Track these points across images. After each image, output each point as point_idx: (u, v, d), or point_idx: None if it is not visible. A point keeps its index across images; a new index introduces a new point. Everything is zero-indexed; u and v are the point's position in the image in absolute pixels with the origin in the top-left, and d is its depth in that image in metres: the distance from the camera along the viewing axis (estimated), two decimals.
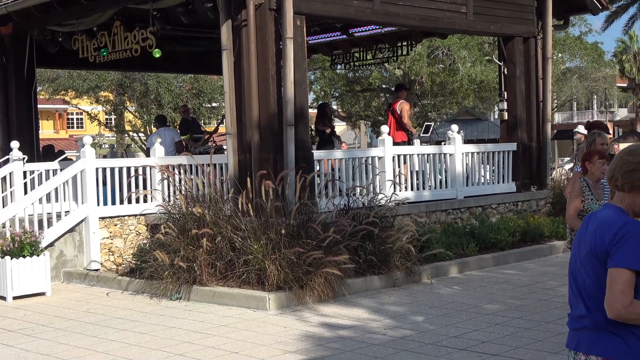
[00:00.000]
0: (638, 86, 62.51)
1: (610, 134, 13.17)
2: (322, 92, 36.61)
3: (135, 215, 12.23)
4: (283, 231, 9.71)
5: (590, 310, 3.32)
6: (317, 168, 11.64)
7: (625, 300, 3.16)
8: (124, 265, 11.74)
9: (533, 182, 14.60)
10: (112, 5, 12.46)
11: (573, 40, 38.52)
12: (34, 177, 12.20)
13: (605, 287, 3.25)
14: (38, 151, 15.57)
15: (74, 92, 35.36)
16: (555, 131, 40.15)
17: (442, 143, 14.54)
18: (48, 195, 11.56)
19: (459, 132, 13.92)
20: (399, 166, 12.79)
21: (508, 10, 13.97)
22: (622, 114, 65.27)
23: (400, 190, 12.43)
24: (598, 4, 14.71)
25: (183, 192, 11.24)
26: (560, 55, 36.35)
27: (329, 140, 15.66)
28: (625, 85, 62.95)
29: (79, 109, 43.31)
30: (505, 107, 14.66)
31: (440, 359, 6.92)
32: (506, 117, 14.77)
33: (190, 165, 12.06)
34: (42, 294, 10.68)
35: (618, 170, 3.38)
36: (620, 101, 64.18)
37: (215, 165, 11.67)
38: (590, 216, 3.52)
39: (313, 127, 16.23)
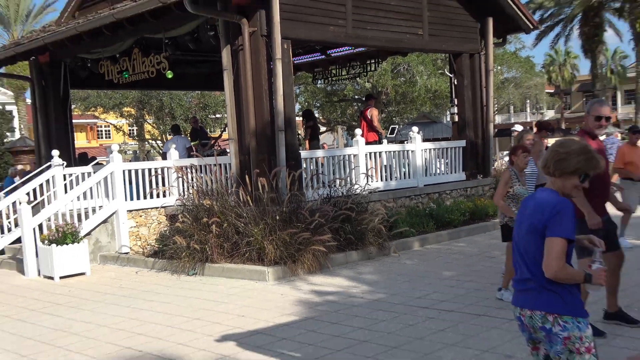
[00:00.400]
0: (562, 92, 63.04)
1: (552, 131, 13.35)
2: (306, 103, 36.65)
3: (157, 208, 12.30)
4: (277, 217, 9.82)
5: (534, 274, 3.40)
6: (304, 165, 11.73)
7: (560, 263, 3.28)
8: (149, 249, 11.82)
9: (479, 172, 14.71)
10: (131, 35, 12.49)
11: (510, 55, 38.74)
12: (72, 179, 12.24)
13: (541, 254, 3.36)
14: (74, 158, 15.61)
15: (102, 109, 35.42)
16: (496, 130, 40.35)
17: (405, 142, 14.67)
18: (84, 194, 11.64)
19: (418, 133, 14.03)
20: (371, 161, 12.90)
21: (456, 32, 14.09)
22: (550, 115, 65.55)
23: (372, 181, 12.57)
24: (530, 25, 14.81)
25: (195, 188, 11.33)
26: (499, 67, 36.57)
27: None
28: (552, 91, 63.42)
29: (107, 122, 43.35)
30: (456, 111, 14.79)
31: (408, 315, 7.04)
32: (456, 119, 14.88)
33: (200, 166, 12.12)
34: (83, 273, 10.76)
35: (550, 160, 3.49)
36: (548, 104, 64.51)
37: (220, 165, 11.73)
38: (528, 198, 3.64)
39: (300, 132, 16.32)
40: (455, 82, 14.71)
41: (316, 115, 37.15)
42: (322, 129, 45.54)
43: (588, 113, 6.04)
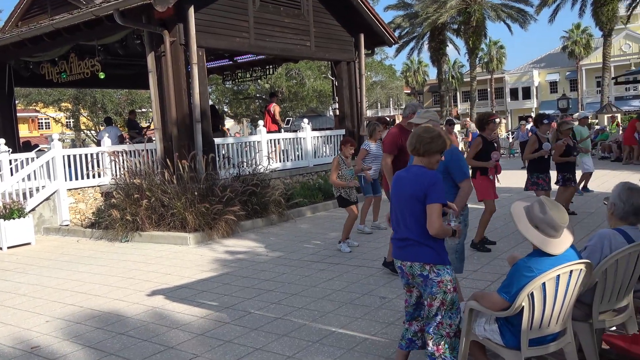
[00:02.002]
0: (417, 92, 64.98)
1: (387, 124, 13.76)
2: (217, 100, 35.86)
3: (93, 187, 11.65)
4: (196, 193, 9.57)
5: (413, 233, 3.44)
6: (217, 150, 11.46)
7: (440, 222, 3.35)
8: (87, 221, 11.20)
9: (355, 154, 14.88)
10: (68, 42, 11.73)
11: (377, 63, 39.37)
12: (17, 164, 11.38)
13: (421, 217, 3.41)
14: (19, 145, 14.61)
15: (42, 104, 33.32)
16: (367, 121, 41.10)
17: (298, 131, 14.62)
18: (29, 176, 10.86)
19: (308, 124, 14.04)
20: (271, 147, 12.80)
21: (336, 44, 14.11)
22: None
23: (272, 163, 12.48)
24: (392, 40, 15.12)
25: (126, 169, 10.86)
26: (369, 73, 37.06)
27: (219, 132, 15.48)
28: (409, 91, 65.20)
29: (47, 115, 40.77)
30: (337, 106, 14.87)
31: (304, 268, 7.04)
32: (337, 113, 14.96)
33: (131, 151, 11.61)
34: (29, 244, 10.06)
35: (419, 143, 3.54)
36: (406, 102, 66.37)
37: (148, 150, 11.28)
38: (400, 173, 3.64)
39: None
40: (336, 84, 14.77)
41: (225, 109, 36.57)
42: (231, 122, 44.91)
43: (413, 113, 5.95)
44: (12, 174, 10.77)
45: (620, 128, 24.35)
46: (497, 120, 7.67)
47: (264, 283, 6.46)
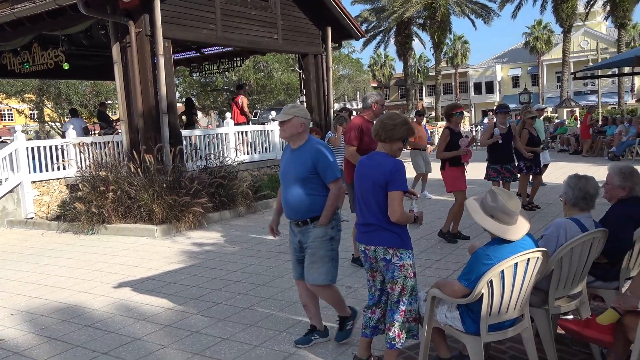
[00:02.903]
0: (383, 86, 65.29)
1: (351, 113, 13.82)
2: (185, 92, 35.42)
3: (58, 179, 11.40)
4: (164, 185, 9.47)
5: (376, 218, 3.48)
6: (185, 142, 11.35)
7: (401, 209, 3.41)
8: (52, 214, 10.98)
9: None
10: (30, 32, 11.39)
11: (344, 57, 39.45)
12: None
13: (384, 203, 3.45)
14: None
15: (4, 95, 32.31)
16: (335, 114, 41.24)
17: (265, 123, 14.56)
18: None
19: (276, 116, 13.94)
20: (239, 139, 12.73)
21: (304, 37, 14.06)
22: None
23: (240, 155, 12.43)
24: (359, 34, 15.16)
25: (92, 161, 10.66)
26: (336, 66, 37.14)
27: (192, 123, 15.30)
28: (376, 85, 65.45)
29: (9, 106, 39.53)
30: (304, 99, 14.85)
31: (271, 259, 7.06)
32: (305, 106, 14.95)
33: (97, 143, 11.40)
34: None
35: (381, 130, 3.57)
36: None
37: (114, 142, 11.10)
38: (363, 159, 3.67)
39: (183, 116, 15.76)
40: (304, 77, 14.73)
41: (193, 101, 36.16)
42: (199, 114, 44.45)
43: (376, 102, 6.05)
44: None
45: (579, 122, 25.00)
46: (462, 111, 7.76)
47: (232, 274, 6.45)
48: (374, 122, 4.13)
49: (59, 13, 10.27)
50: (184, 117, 15.61)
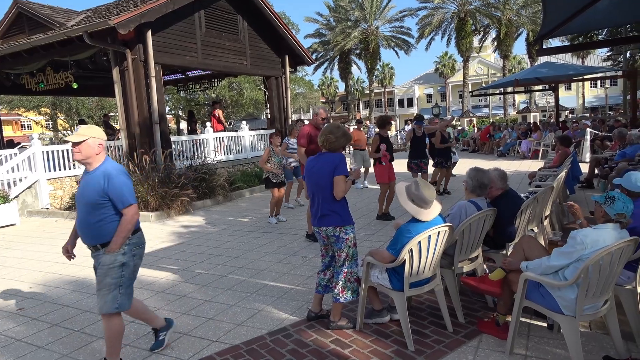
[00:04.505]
0: (330, 101, 65.15)
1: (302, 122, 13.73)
2: (174, 106, 34.46)
3: (69, 177, 10.87)
4: (156, 180, 9.17)
5: (324, 206, 3.45)
6: (174, 146, 11.03)
7: (343, 186, 3.38)
8: (64, 205, 10.49)
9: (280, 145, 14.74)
10: (44, 58, 10.81)
11: (299, 79, 39.17)
12: (1, 158, 10.46)
13: (330, 193, 3.40)
14: (3, 143, 13.42)
15: (24, 108, 30.69)
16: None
17: (239, 131, 14.32)
18: (13, 168, 10.03)
19: (246, 125, 13.80)
20: (217, 143, 12.47)
21: (267, 63, 13.86)
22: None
23: (218, 156, 12.18)
24: (310, 61, 15.02)
25: None
26: (293, 86, 36.84)
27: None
28: (324, 101, 65.04)
29: (28, 118, 37.56)
30: (269, 112, 14.68)
31: (243, 237, 6.92)
32: (269, 117, 14.74)
33: None
34: (14, 224, 9.30)
35: (325, 142, 3.52)
36: (322, 109, 66.27)
37: (115, 147, 10.68)
38: (311, 161, 3.59)
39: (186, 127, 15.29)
40: (268, 94, 14.54)
41: (180, 114, 35.21)
42: (184, 124, 43.31)
43: (317, 114, 6.00)
44: None
45: (475, 128, 25.70)
46: (392, 122, 7.91)
47: (212, 249, 6.32)
48: (320, 128, 4.07)
49: (67, 42, 9.83)
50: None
